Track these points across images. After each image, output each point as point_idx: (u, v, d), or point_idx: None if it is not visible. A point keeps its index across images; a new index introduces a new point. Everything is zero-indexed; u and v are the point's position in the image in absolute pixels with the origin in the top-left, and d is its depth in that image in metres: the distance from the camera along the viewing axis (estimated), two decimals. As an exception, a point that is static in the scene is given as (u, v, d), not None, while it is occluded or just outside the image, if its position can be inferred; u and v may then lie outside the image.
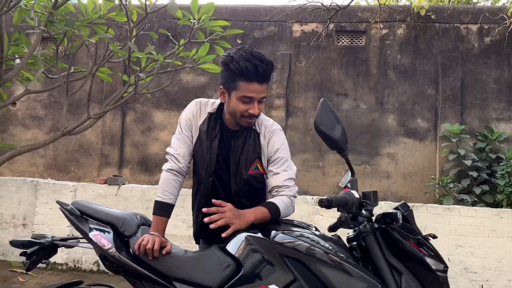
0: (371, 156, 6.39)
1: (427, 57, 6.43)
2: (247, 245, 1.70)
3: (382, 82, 6.45)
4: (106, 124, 6.73)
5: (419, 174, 6.27)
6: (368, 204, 1.66)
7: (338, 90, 6.51)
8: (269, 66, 1.81)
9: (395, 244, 1.60)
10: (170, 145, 1.99)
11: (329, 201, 1.60)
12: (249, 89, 1.79)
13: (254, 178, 1.92)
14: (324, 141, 1.68)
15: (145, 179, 6.65)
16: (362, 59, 6.52)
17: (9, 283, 4.02)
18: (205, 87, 6.64)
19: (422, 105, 6.38)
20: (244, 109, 1.83)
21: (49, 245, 1.99)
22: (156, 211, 1.91)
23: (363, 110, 6.46)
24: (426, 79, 6.40)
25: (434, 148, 6.29)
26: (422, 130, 6.35)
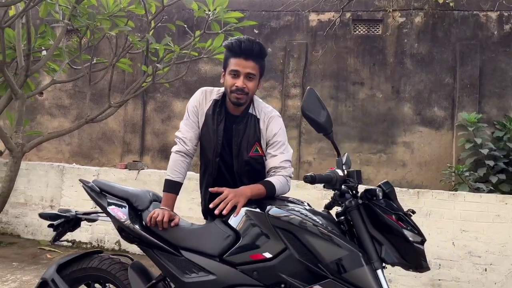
0: (386, 144, 6.51)
1: (445, 45, 6.47)
2: (246, 219, 1.93)
3: (398, 71, 6.54)
4: (128, 113, 7.06)
5: (435, 163, 6.37)
6: (350, 182, 1.86)
7: (354, 79, 6.64)
8: (254, 44, 2.06)
9: (377, 218, 1.80)
10: (179, 130, 2.24)
11: (312, 177, 1.81)
12: (235, 63, 2.05)
13: (254, 159, 2.15)
14: (311, 125, 1.88)
15: (164, 166, 6.91)
16: (378, 48, 6.62)
17: (37, 259, 4.39)
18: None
19: (439, 94, 6.45)
20: (232, 83, 2.07)
21: (73, 219, 2.28)
22: (166, 188, 2.17)
23: (379, 99, 6.57)
24: (444, 67, 6.46)
25: (451, 137, 6.36)
26: (438, 119, 6.42)
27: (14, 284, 3.66)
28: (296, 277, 1.79)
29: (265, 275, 1.84)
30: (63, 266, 2.25)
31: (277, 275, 1.81)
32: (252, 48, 2.05)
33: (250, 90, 2.09)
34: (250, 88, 2.09)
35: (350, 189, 1.85)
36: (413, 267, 1.81)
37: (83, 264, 2.23)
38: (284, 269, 1.80)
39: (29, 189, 5.12)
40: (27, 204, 5.12)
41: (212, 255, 1.95)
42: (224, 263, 1.92)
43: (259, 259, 1.85)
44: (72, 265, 2.25)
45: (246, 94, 2.09)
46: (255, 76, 2.10)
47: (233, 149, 2.16)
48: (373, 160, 6.54)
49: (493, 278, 3.81)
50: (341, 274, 1.73)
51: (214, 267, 1.92)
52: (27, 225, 5.11)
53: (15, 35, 4.51)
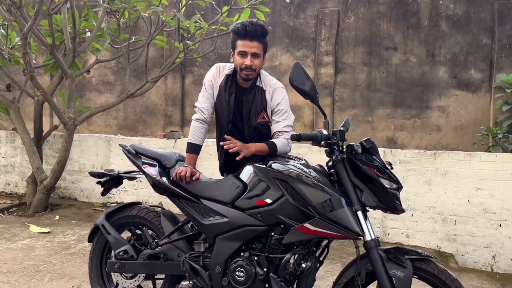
0: (421, 109, 6.72)
1: (483, 5, 6.51)
2: (252, 173, 2.44)
3: (433, 34, 6.67)
4: (168, 87, 7.68)
5: (471, 126, 6.52)
6: (333, 139, 2.30)
7: (387, 45, 6.84)
8: (257, 26, 2.50)
9: (358, 169, 2.24)
10: (197, 100, 2.76)
11: (298, 136, 2.27)
12: (242, 44, 2.50)
13: (261, 125, 2.65)
14: (299, 93, 2.31)
15: (204, 136, 7.55)
16: (412, 11, 6.75)
17: (92, 218, 5.19)
18: (256, 47, 7.28)
19: (476, 56, 6.54)
20: (241, 62, 2.53)
21: (116, 177, 2.88)
22: (189, 150, 2.71)
23: (413, 63, 6.76)
24: (481, 28, 6.51)
25: (488, 100, 6.47)
26: (475, 82, 6.53)
27: (73, 237, 4.45)
28: (291, 218, 2.28)
29: (267, 217, 2.34)
30: (111, 214, 2.87)
31: (276, 216, 2.31)
32: (255, 31, 2.50)
33: (257, 66, 2.56)
34: (257, 65, 2.56)
35: (332, 145, 2.29)
36: (389, 210, 2.24)
37: (125, 213, 2.84)
38: (281, 211, 2.30)
39: (82, 158, 5.93)
40: (81, 171, 5.93)
41: (226, 202, 2.48)
42: (235, 208, 2.44)
43: (262, 204, 2.36)
44: (117, 213, 2.86)
45: (254, 70, 2.56)
46: (260, 54, 2.56)
47: (243, 117, 2.65)
48: (407, 125, 6.79)
49: (507, 233, 4.10)
50: (326, 214, 2.20)
51: (227, 212, 2.45)
52: (82, 189, 5.94)
53: (62, 20, 5.17)
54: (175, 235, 2.64)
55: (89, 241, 2.92)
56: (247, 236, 2.40)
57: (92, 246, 2.92)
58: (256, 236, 2.39)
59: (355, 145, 2.24)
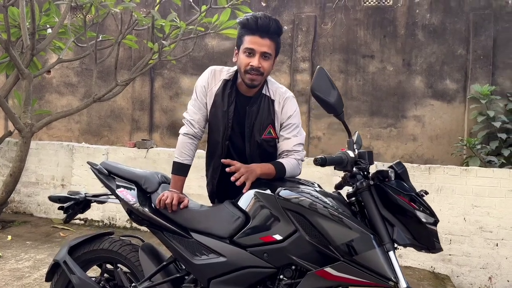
0: (397, 118, 6.41)
1: (458, 15, 6.27)
2: (256, 200, 1.90)
3: (409, 43, 6.38)
4: (135, 90, 7.01)
5: (447, 136, 6.27)
6: (362, 163, 1.81)
7: (364, 52, 6.49)
8: (271, 21, 1.96)
9: (389, 199, 1.76)
10: (186, 111, 2.19)
11: (323, 160, 1.76)
12: (250, 41, 1.95)
13: (266, 142, 2.09)
14: (321, 105, 1.82)
15: (174, 143, 6.95)
16: (389, 19, 6.43)
17: (51, 238, 4.44)
18: (230, 51, 6.75)
19: (451, 66, 6.29)
20: (247, 62, 1.96)
21: (82, 201, 2.26)
22: (175, 171, 2.13)
23: (389, 72, 6.43)
24: (457, 38, 6.28)
25: (463, 110, 6.23)
26: (450, 92, 6.29)
27: (28, 263, 3.71)
28: (307, 259, 1.76)
29: (276, 257, 1.82)
30: (74, 248, 2.25)
31: (288, 256, 1.79)
32: (268, 25, 1.95)
33: (265, 70, 2.00)
34: (266, 68, 2.00)
35: (361, 171, 1.80)
36: (425, 248, 1.77)
37: (94, 246, 2.23)
38: (294, 251, 1.78)
39: (40, 168, 5.15)
40: (39, 183, 5.16)
41: (222, 237, 1.93)
42: (234, 245, 1.90)
43: (269, 241, 1.83)
44: (83, 247, 2.25)
45: (261, 74, 1.99)
46: (271, 56, 2.01)
47: (245, 131, 2.09)
48: (383, 134, 6.46)
49: (504, 253, 3.78)
50: (353, 256, 1.70)
51: (224, 249, 1.90)
52: (39, 203, 5.17)
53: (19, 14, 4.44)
54: (157, 276, 2.06)
55: (46, 280, 2.29)
56: (250, 280, 1.86)
57: (51, 286, 2.29)
58: (260, 280, 1.86)
59: (389, 171, 1.75)
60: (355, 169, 1.79)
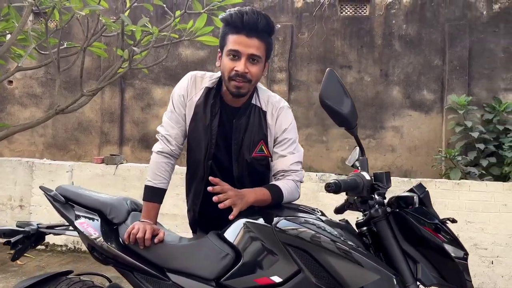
0: (375, 129, 6.18)
1: (434, 26, 6.13)
2: (247, 232, 1.53)
3: (387, 53, 6.18)
4: (105, 101, 6.52)
5: (425, 147, 6.07)
6: (380, 187, 1.47)
7: (342, 62, 6.25)
8: (260, 16, 1.59)
9: (410, 230, 1.43)
10: (161, 124, 1.80)
11: (337, 185, 1.42)
12: (235, 41, 1.59)
13: (257, 161, 1.73)
14: (331, 117, 1.48)
15: (146, 156, 6.48)
16: (366, 29, 6.23)
17: (6, 266, 3.89)
18: (205, 61, 6.39)
19: (428, 76, 6.12)
20: (231, 66, 1.61)
21: (34, 233, 1.83)
22: (147, 197, 1.73)
23: (367, 82, 6.21)
24: (433, 49, 6.12)
25: (440, 121, 6.07)
26: (428, 102, 6.11)
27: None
28: None
29: None
30: (25, 291, 1.80)
31: None
32: (257, 22, 1.58)
33: (253, 76, 1.64)
34: (254, 74, 1.64)
35: (381, 197, 1.45)
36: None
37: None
38: None
39: (-4, 188, 4.59)
40: (-5, 203, 4.59)
41: (207, 278, 1.55)
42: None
43: (266, 284, 1.46)
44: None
45: (248, 81, 1.63)
46: (260, 59, 1.64)
47: (232, 149, 1.72)
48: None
49: (500, 271, 3.53)
50: None
51: None
52: (-4, 226, 4.59)
53: (-27, 17, 3.94)
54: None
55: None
56: None
57: None
58: None
59: (414, 197, 1.41)
60: (377, 196, 1.44)
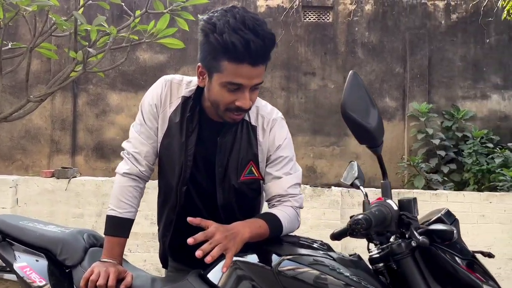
0: (339, 136, 6.02)
1: (395, 34, 6.07)
2: (238, 275, 1.19)
3: (350, 60, 6.05)
4: (55, 108, 5.95)
5: (388, 154, 5.97)
6: (410, 218, 1.18)
7: (305, 69, 6.05)
8: (268, 42, 1.23)
9: (442, 268, 1.15)
10: (128, 139, 1.43)
11: (368, 222, 1.12)
12: (236, 72, 1.22)
13: (247, 185, 1.41)
14: (353, 131, 1.19)
15: (101, 166, 5.97)
16: (329, 36, 6.07)
17: None
18: (164, 66, 5.98)
19: (390, 84, 6.05)
20: (230, 100, 1.26)
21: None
22: (110, 230, 1.36)
23: (331, 89, 6.05)
24: (394, 57, 6.06)
25: (403, 128, 6.01)
26: (390, 110, 6.04)
27: None
28: None
29: None
30: None
31: None
32: (265, 48, 1.22)
33: (253, 102, 1.31)
34: (254, 101, 1.31)
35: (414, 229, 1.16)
36: None
37: None
38: None
39: None
40: None
41: None
42: None
43: None
44: None
45: (247, 110, 1.31)
46: (261, 82, 1.30)
47: (216, 173, 1.38)
48: (326, 153, 6.02)
49: (477, 283, 3.39)
50: None
51: None
52: None
53: None
54: None
55: None
56: None
57: None
58: None
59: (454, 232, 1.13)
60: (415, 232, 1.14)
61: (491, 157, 5.33)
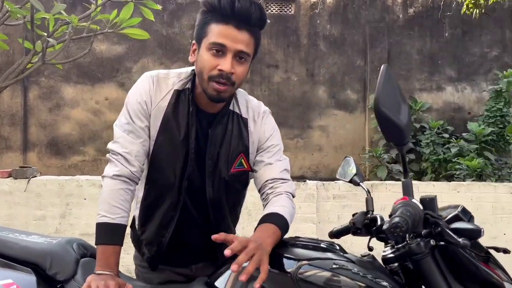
0: (303, 129, 6.05)
1: (356, 27, 6.16)
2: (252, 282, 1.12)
3: (312, 53, 6.07)
4: (4, 102, 5.54)
5: (350, 146, 6.09)
6: (435, 218, 1.15)
7: (268, 62, 6.01)
8: (254, 6, 1.24)
9: (463, 267, 1.14)
10: (114, 140, 1.31)
11: (406, 224, 1.07)
12: (221, 32, 1.23)
13: (236, 177, 1.39)
14: (383, 128, 1.14)
15: (56, 163, 5.64)
16: (292, 28, 6.06)
17: None
18: (122, 57, 5.72)
19: (351, 76, 6.14)
20: (213, 64, 1.24)
21: None
22: (104, 238, 1.24)
23: (294, 82, 6.05)
24: (355, 50, 6.16)
25: (364, 120, 6.13)
26: (352, 102, 6.14)
27: None
28: None
29: None
30: None
31: None
32: (250, 12, 1.23)
33: (238, 78, 1.27)
34: (239, 75, 1.27)
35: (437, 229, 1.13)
36: None
37: None
38: None
39: None
40: None
41: None
42: None
43: None
44: None
45: (232, 84, 1.27)
46: (248, 57, 1.28)
47: (206, 166, 1.34)
48: (290, 145, 6.03)
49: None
50: None
51: None
52: None
53: None
54: None
55: None
56: None
57: None
58: None
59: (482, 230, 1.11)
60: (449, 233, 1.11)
61: (447, 147, 5.57)
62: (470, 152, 5.26)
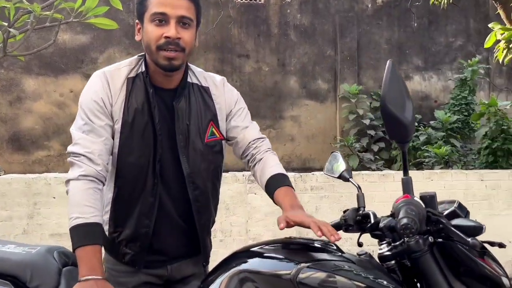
0: (275, 119, 6.04)
1: (326, 17, 6.16)
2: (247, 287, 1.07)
3: (283, 43, 6.04)
4: (-42, 95, 5.21)
5: (321, 135, 6.13)
6: (437, 216, 1.14)
7: (239, 51, 5.93)
8: None
9: (462, 263, 1.13)
10: (73, 143, 1.23)
11: (416, 223, 1.04)
12: (159, 2, 1.25)
13: (211, 147, 1.37)
14: (387, 126, 1.10)
15: (19, 159, 5.38)
16: (262, 18, 5.99)
17: None
18: (86, 48, 5.48)
19: (322, 66, 6.16)
20: (158, 33, 1.25)
21: None
22: (81, 240, 1.15)
23: (265, 72, 6.00)
24: (326, 39, 6.17)
25: (335, 109, 6.18)
26: (323, 92, 6.16)
27: None
28: None
29: None
30: None
31: None
32: None
33: (187, 43, 1.26)
34: (187, 41, 1.26)
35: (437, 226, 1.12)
36: None
37: None
38: None
39: None
40: None
41: None
42: None
43: None
44: None
45: (182, 50, 1.26)
46: (192, 22, 1.27)
47: (177, 141, 1.32)
48: (262, 136, 6.00)
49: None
50: None
51: None
52: None
53: None
54: None
55: None
56: None
57: None
58: None
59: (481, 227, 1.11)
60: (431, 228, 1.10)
61: (415, 135, 5.70)
62: (437, 140, 5.40)
